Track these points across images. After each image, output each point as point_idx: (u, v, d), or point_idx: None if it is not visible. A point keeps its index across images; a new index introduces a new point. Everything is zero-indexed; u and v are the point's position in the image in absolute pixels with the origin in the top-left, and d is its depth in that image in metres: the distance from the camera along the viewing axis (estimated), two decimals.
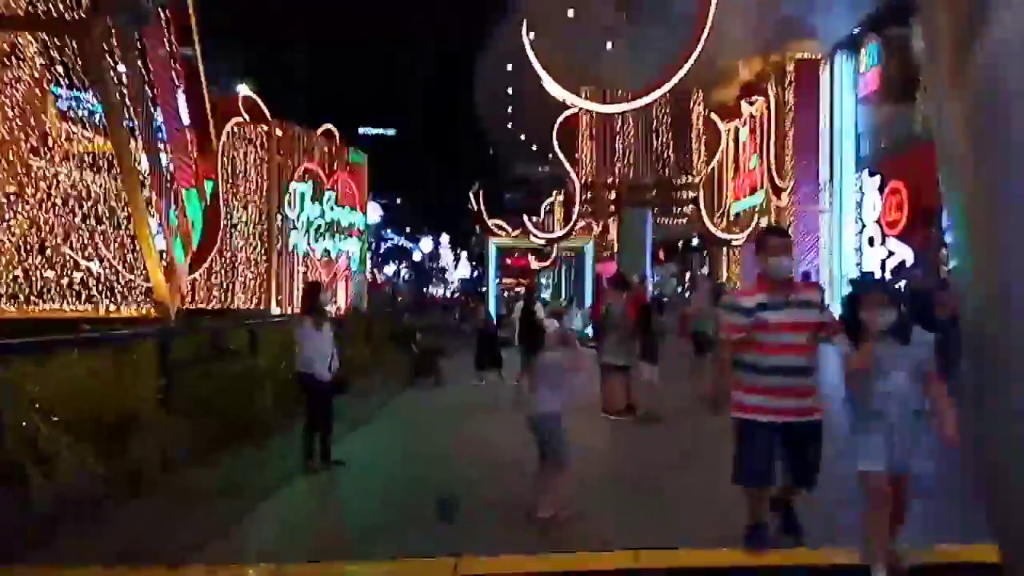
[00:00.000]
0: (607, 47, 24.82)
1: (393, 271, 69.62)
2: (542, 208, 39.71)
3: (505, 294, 36.27)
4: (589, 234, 28.37)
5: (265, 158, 23.33)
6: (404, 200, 73.79)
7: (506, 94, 31.78)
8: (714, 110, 26.44)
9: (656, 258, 31.48)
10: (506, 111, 34.61)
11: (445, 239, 75.63)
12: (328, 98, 56.48)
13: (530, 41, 21.90)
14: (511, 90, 30.94)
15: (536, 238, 27.25)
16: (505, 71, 28.88)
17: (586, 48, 24.18)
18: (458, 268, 77.12)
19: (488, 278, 25.54)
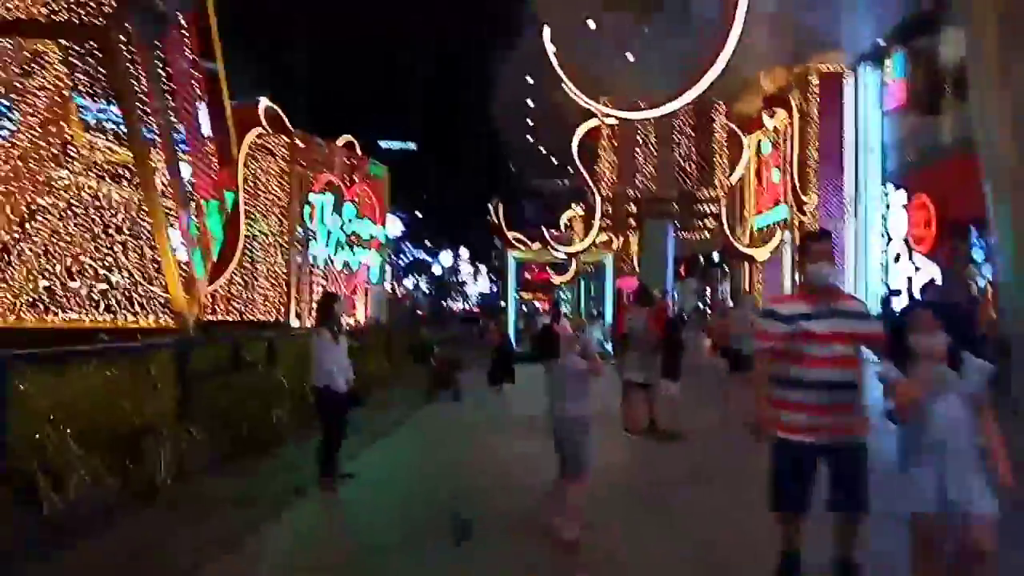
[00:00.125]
0: (627, 58, 24.72)
1: (413, 284, 69.75)
2: (562, 222, 39.57)
3: (524, 308, 36.07)
4: (609, 248, 28.18)
5: (287, 170, 23.39)
6: (424, 214, 73.94)
7: (526, 107, 31.77)
8: (736, 122, 26.23)
9: (677, 273, 31.23)
10: (526, 124, 34.57)
11: (465, 253, 75.72)
12: (347, 111, 56.75)
13: (552, 50, 21.86)
14: (531, 103, 30.92)
15: (556, 252, 27.09)
16: (525, 84, 28.86)
17: (605, 59, 24.09)
18: (478, 282, 77.16)
19: (507, 292, 25.38)
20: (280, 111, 23.17)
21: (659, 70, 23.02)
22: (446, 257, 71.26)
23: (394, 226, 45.39)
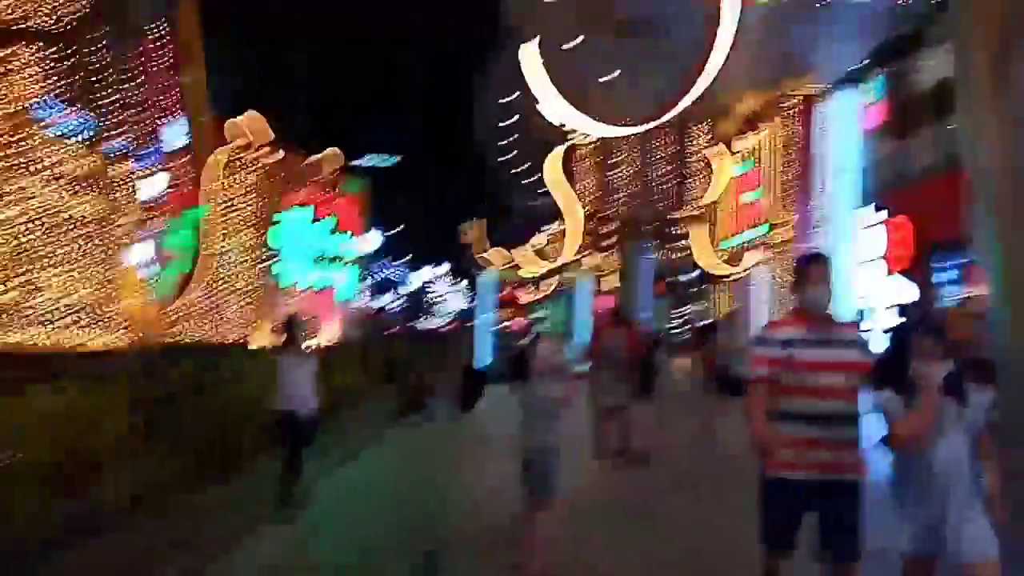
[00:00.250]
0: (605, 78, 24.71)
1: (387, 301, 69.38)
2: (540, 240, 39.50)
3: (501, 327, 35.86)
4: (587, 267, 28.11)
5: (262, 185, 23.06)
6: (400, 230, 73.69)
7: (505, 125, 31.71)
8: (713, 143, 26.32)
9: (654, 293, 31.21)
10: (504, 142, 34.52)
11: (440, 270, 75.52)
12: (328, 125, 56.52)
13: (528, 66, 21.82)
14: (510, 121, 30.87)
15: (532, 270, 27.01)
16: (504, 101, 28.80)
17: (583, 78, 24.07)
18: (453, 299, 76.90)
19: (480, 310, 25.16)
20: (264, 122, 22.73)
21: (638, 92, 23.04)
22: (424, 273, 70.94)
23: (371, 242, 45.07)
